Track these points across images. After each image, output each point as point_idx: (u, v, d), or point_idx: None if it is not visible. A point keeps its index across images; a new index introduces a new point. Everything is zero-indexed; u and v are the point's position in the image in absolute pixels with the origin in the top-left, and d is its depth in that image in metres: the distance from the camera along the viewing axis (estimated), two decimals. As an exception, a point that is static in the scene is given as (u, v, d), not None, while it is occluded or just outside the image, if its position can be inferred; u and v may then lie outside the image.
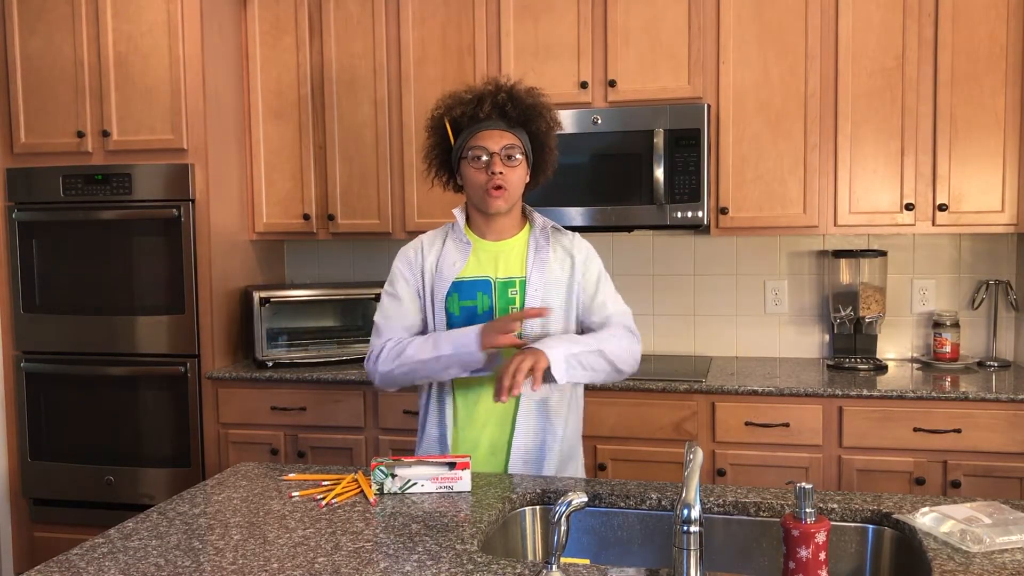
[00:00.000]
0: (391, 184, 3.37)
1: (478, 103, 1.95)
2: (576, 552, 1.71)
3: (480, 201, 1.97)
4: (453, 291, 1.98)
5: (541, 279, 1.97)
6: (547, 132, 2.02)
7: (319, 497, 1.73)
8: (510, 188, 1.95)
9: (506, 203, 1.96)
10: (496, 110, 1.95)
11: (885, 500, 1.64)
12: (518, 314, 1.87)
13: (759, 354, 3.44)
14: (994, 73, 2.91)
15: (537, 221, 2.04)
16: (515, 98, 1.96)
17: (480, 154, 1.93)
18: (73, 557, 1.44)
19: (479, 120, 1.95)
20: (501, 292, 1.98)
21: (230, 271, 3.37)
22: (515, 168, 1.95)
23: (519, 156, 1.95)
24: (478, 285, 1.98)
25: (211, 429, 3.25)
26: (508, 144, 1.94)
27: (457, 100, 1.98)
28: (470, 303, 1.97)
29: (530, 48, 3.20)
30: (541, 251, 1.99)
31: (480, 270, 2.00)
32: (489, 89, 1.97)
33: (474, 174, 1.95)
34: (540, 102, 2.00)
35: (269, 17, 3.43)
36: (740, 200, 3.09)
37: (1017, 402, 2.66)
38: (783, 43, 3.03)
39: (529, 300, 1.95)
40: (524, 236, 2.04)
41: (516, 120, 1.97)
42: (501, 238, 2.02)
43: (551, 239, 2.03)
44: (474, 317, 1.97)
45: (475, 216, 2.04)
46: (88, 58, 3.23)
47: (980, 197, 2.96)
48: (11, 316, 3.37)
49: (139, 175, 3.21)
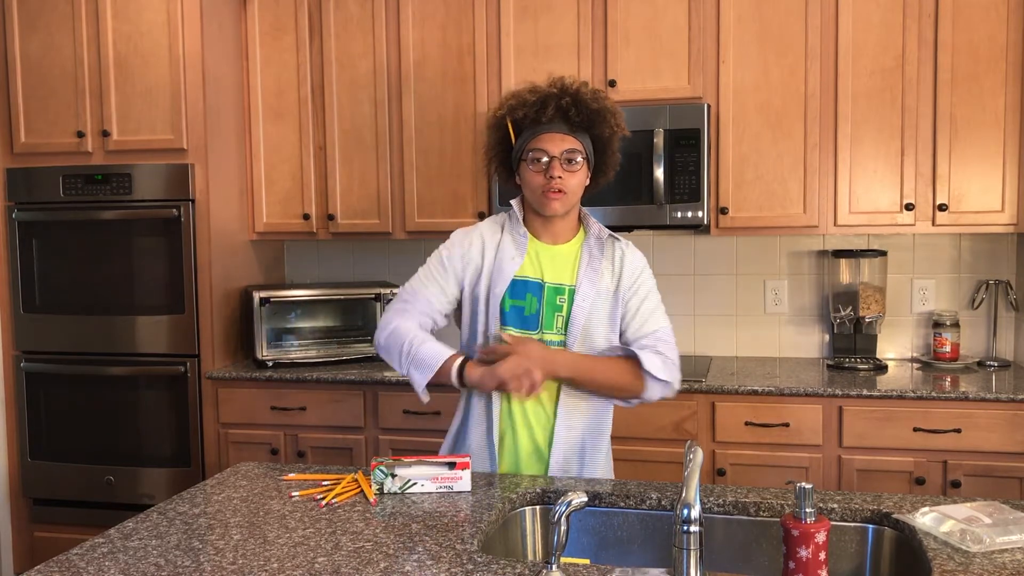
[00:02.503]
0: (391, 184, 3.37)
1: (541, 106, 1.90)
2: (576, 552, 1.71)
3: (537, 203, 1.93)
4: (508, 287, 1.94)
5: (591, 290, 1.94)
6: (611, 136, 1.96)
7: (319, 497, 1.73)
8: (568, 192, 1.90)
9: (563, 206, 1.92)
10: (559, 113, 1.90)
11: (885, 500, 1.64)
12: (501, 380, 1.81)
13: (759, 354, 3.44)
14: (994, 73, 2.92)
15: (592, 228, 2.00)
16: (580, 102, 1.90)
17: (540, 156, 1.89)
18: (73, 557, 1.44)
19: (541, 123, 1.90)
20: (549, 297, 1.94)
21: (230, 271, 3.37)
22: (575, 173, 1.91)
23: (580, 160, 1.91)
24: (530, 286, 1.95)
25: (211, 429, 3.25)
26: (569, 148, 1.90)
27: (520, 101, 1.94)
28: (519, 303, 1.94)
29: (530, 48, 3.20)
30: (594, 260, 1.96)
31: (533, 271, 1.96)
32: (553, 92, 1.91)
33: (532, 176, 1.91)
34: (605, 107, 1.93)
35: (269, 17, 3.43)
36: (740, 200, 3.09)
37: (1017, 402, 2.66)
38: (783, 43, 3.03)
39: (576, 310, 1.92)
40: (578, 243, 2.00)
41: (579, 124, 1.91)
42: (556, 242, 1.99)
43: (606, 248, 1.99)
44: (521, 318, 1.94)
45: (531, 216, 2.00)
46: (88, 58, 3.23)
47: (980, 197, 2.96)
48: (11, 316, 3.37)
49: (139, 175, 3.21)
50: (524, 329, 1.94)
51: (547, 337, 1.94)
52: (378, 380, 3.10)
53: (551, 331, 1.94)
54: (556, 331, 1.94)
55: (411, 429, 3.09)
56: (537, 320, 1.94)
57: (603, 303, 1.95)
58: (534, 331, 1.94)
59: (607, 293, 1.96)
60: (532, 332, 1.94)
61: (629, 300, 1.98)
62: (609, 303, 1.96)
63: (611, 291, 1.96)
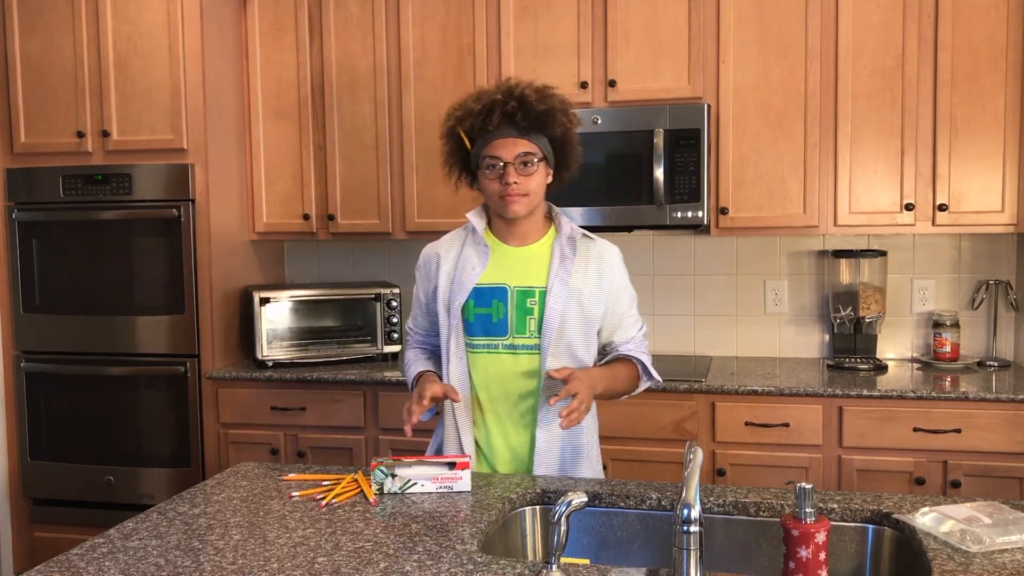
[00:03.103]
0: (391, 184, 3.37)
1: (487, 114, 1.87)
2: (576, 552, 1.71)
3: (498, 208, 1.91)
4: (470, 297, 1.92)
5: (563, 291, 1.90)
6: (564, 133, 1.93)
7: (319, 497, 1.73)
8: (529, 193, 1.88)
9: (525, 207, 1.89)
10: (506, 119, 1.87)
11: (885, 500, 1.64)
12: (425, 400, 1.84)
13: (759, 354, 3.44)
14: (994, 73, 2.91)
15: (564, 227, 1.96)
16: (525, 106, 1.87)
17: (494, 164, 1.87)
18: (73, 557, 1.44)
19: (490, 131, 1.88)
20: (519, 302, 1.91)
21: (230, 271, 3.37)
22: (532, 175, 1.88)
23: (536, 162, 1.88)
24: (495, 292, 1.92)
25: (211, 429, 3.25)
26: (522, 152, 1.87)
27: (467, 111, 1.92)
28: (485, 311, 1.92)
29: (530, 48, 3.20)
30: (566, 260, 1.92)
31: (498, 277, 1.93)
32: (498, 99, 1.88)
33: (489, 183, 1.89)
34: (552, 106, 1.90)
35: (269, 17, 3.43)
36: (740, 200, 3.09)
37: (1017, 402, 2.66)
38: (783, 43, 3.03)
39: (549, 312, 1.88)
40: (548, 242, 1.96)
41: (529, 127, 1.89)
42: (524, 243, 1.96)
43: (578, 247, 1.95)
44: (489, 325, 1.92)
45: (496, 221, 1.98)
46: (88, 58, 3.23)
47: (980, 197, 2.96)
48: (11, 316, 3.37)
49: (139, 175, 3.21)
50: (491, 336, 1.93)
51: (518, 342, 1.92)
52: (378, 380, 3.10)
53: (523, 335, 1.92)
54: (529, 335, 1.91)
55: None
56: (506, 326, 1.92)
57: (577, 303, 1.92)
58: (503, 337, 1.92)
59: (581, 293, 1.92)
60: (501, 338, 1.92)
61: (613, 304, 1.97)
62: (584, 303, 1.92)
63: (586, 294, 1.92)
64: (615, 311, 1.98)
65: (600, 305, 1.95)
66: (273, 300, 3.33)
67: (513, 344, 1.92)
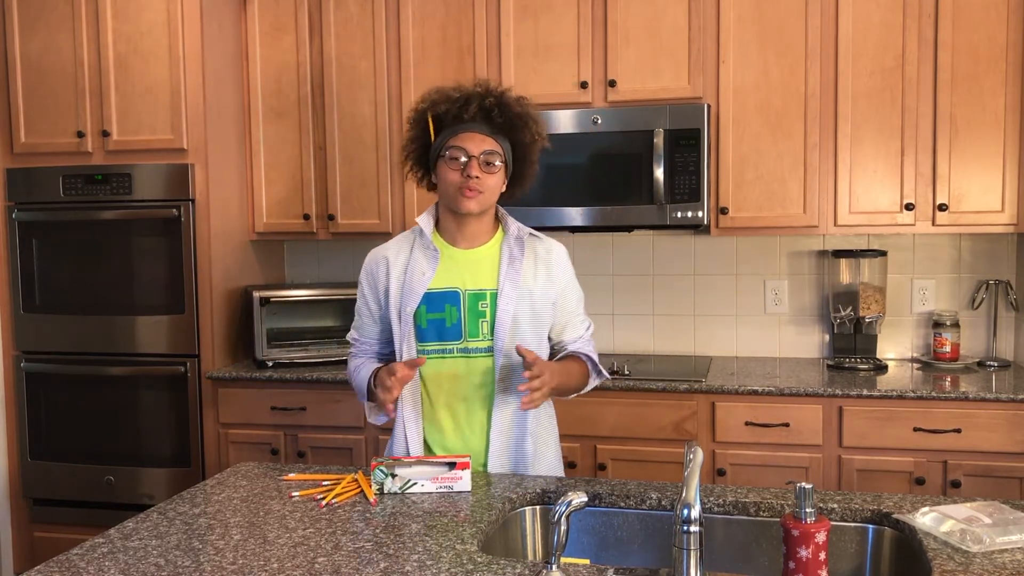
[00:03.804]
0: (391, 184, 3.37)
1: (465, 103, 1.88)
2: (576, 552, 1.71)
3: (452, 200, 1.89)
4: (422, 303, 1.91)
5: (513, 291, 1.90)
6: (531, 144, 1.94)
7: (319, 497, 1.73)
8: (485, 192, 1.88)
9: (479, 205, 1.88)
10: (482, 113, 1.88)
11: (885, 500, 1.64)
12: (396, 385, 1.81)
13: (759, 354, 3.44)
14: (994, 73, 2.91)
15: (511, 228, 1.96)
16: (504, 104, 1.89)
17: (458, 155, 1.86)
18: (73, 557, 1.44)
19: (463, 121, 1.88)
20: (471, 305, 1.90)
21: (230, 271, 3.37)
22: (492, 175, 1.88)
23: (498, 164, 1.89)
24: (447, 297, 1.91)
25: (211, 429, 3.25)
26: (489, 150, 1.87)
27: (443, 96, 1.92)
28: (438, 316, 1.90)
29: (530, 48, 3.20)
30: (515, 261, 1.92)
31: (449, 280, 1.92)
32: (478, 91, 1.90)
33: (449, 174, 1.87)
34: (529, 112, 1.92)
35: (269, 17, 3.43)
36: (740, 200, 3.09)
37: (1017, 402, 2.66)
38: (783, 43, 3.03)
39: (500, 314, 1.88)
40: (497, 244, 1.96)
41: (501, 127, 1.90)
42: (473, 245, 1.95)
43: (526, 247, 1.95)
44: (443, 330, 1.90)
45: (446, 219, 1.96)
46: (88, 58, 3.23)
47: (980, 197, 2.96)
48: (11, 316, 3.37)
49: (139, 175, 3.21)
50: (443, 341, 1.91)
51: (472, 345, 1.91)
52: (378, 380, 3.10)
53: (476, 339, 1.91)
54: (482, 337, 1.90)
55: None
56: (459, 330, 1.90)
57: (528, 303, 1.91)
58: (456, 342, 1.91)
59: (531, 293, 1.92)
60: (455, 343, 1.91)
61: (562, 301, 1.98)
62: (535, 303, 1.92)
63: (536, 293, 1.93)
64: (564, 309, 1.99)
65: (549, 303, 1.95)
66: (273, 300, 3.33)
67: (466, 348, 1.91)
